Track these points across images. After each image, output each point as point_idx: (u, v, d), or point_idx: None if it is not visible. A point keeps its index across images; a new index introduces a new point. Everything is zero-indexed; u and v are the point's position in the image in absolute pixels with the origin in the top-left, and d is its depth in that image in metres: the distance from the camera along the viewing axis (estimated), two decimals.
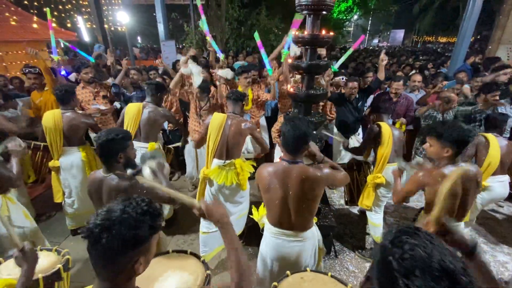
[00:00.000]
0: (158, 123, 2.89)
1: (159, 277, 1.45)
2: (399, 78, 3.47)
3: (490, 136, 2.54)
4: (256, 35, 3.35)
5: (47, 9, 3.54)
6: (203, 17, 3.21)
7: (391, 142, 2.48)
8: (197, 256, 1.62)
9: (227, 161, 2.45)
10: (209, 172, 2.48)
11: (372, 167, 2.83)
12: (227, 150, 2.46)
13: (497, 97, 3.06)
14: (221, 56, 3.40)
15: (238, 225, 2.69)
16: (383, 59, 3.21)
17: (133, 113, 2.75)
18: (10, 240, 1.25)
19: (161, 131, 3.69)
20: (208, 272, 1.48)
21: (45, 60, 3.42)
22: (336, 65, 3.09)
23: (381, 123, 2.58)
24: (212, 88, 3.65)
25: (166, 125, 3.84)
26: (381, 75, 3.30)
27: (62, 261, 1.61)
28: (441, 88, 3.40)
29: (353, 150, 2.92)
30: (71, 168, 2.74)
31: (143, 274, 0.86)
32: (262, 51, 3.26)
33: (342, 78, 3.86)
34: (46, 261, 1.60)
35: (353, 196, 2.91)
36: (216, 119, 2.44)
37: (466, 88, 3.82)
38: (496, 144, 2.47)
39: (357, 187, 2.88)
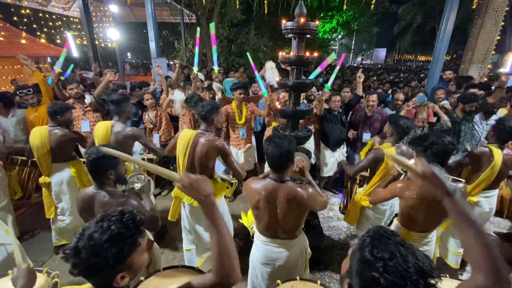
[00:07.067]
0: (127, 145, 2.63)
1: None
2: (374, 92, 3.72)
3: (494, 148, 2.34)
4: (249, 55, 3.48)
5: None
6: (197, 49, 3.38)
7: (392, 170, 2.33)
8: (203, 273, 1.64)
9: None
10: (178, 190, 2.36)
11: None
12: (196, 170, 2.27)
13: (474, 108, 3.28)
14: (216, 68, 3.54)
15: None
16: (360, 76, 3.46)
17: (102, 134, 2.55)
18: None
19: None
20: None
21: (34, 72, 3.40)
22: (329, 83, 3.34)
23: (385, 150, 2.36)
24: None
25: (157, 138, 3.86)
26: (359, 91, 3.55)
27: (51, 284, 1.55)
28: (414, 102, 3.61)
29: (351, 170, 2.71)
30: (61, 184, 2.71)
31: (151, 284, 0.88)
32: (257, 73, 3.39)
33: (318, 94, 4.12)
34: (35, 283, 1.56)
35: (346, 206, 2.90)
36: (183, 138, 2.24)
37: (446, 103, 4.09)
38: (499, 158, 2.28)
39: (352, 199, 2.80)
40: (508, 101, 4.07)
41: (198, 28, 3.52)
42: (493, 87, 4.95)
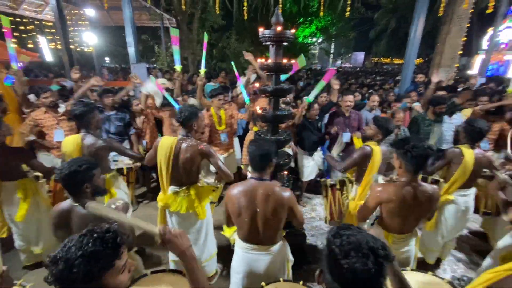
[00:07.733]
0: (102, 157, 2.51)
1: None
2: (350, 93, 3.88)
3: (465, 148, 2.43)
4: (233, 64, 3.45)
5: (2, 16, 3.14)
6: (176, 47, 3.22)
7: (378, 167, 2.40)
8: None
9: (182, 188, 2.27)
10: (163, 198, 2.30)
11: (351, 185, 2.79)
12: (181, 176, 2.25)
13: (444, 109, 3.51)
14: (202, 69, 3.48)
15: (208, 267, 2.54)
16: (335, 83, 3.55)
17: (71, 149, 2.38)
18: None
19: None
20: None
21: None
22: (310, 97, 3.38)
23: (373, 146, 2.45)
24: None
25: (144, 144, 3.79)
26: (334, 98, 3.65)
27: None
28: (398, 108, 3.83)
29: (340, 166, 2.67)
30: (11, 204, 2.53)
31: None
32: (239, 81, 3.41)
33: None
34: None
35: (332, 215, 2.95)
36: (164, 145, 2.18)
37: (417, 105, 4.34)
38: (471, 157, 2.36)
39: (338, 206, 2.89)
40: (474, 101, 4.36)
41: (173, 28, 3.34)
42: (459, 89, 5.33)
